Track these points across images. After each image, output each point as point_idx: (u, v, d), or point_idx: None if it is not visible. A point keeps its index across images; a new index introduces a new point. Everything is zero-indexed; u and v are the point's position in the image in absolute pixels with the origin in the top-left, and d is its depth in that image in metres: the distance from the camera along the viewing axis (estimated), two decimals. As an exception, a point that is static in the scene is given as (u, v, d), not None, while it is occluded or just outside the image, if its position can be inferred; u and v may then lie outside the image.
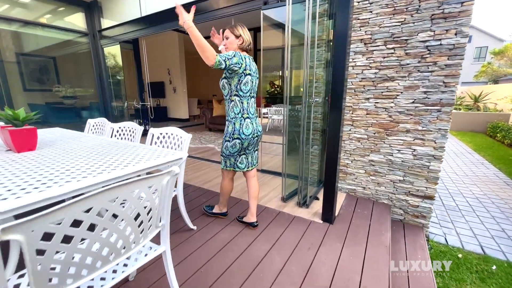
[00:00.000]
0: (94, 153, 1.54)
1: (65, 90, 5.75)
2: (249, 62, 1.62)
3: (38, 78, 5.08)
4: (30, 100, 5.11)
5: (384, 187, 2.34)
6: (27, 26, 4.46)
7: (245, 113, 1.65)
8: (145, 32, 4.13)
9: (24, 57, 4.77)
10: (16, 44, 4.56)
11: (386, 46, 2.10)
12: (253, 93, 1.71)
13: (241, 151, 1.74)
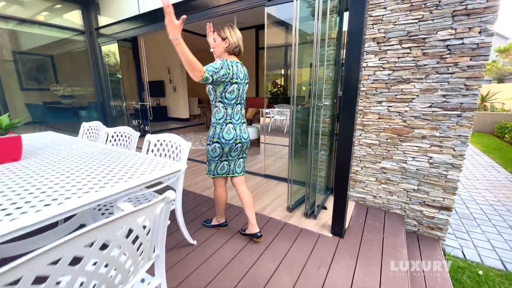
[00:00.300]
0: (84, 164, 1.39)
1: (63, 90, 5.63)
2: (236, 70, 1.55)
3: (35, 77, 4.95)
4: (27, 99, 4.97)
5: (396, 196, 2.20)
6: (22, 24, 4.31)
7: (227, 119, 1.61)
8: (144, 30, 3.97)
9: (20, 56, 4.63)
10: (12, 42, 4.41)
11: (401, 46, 1.94)
12: (240, 99, 1.65)
13: (222, 157, 1.68)
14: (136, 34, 4.13)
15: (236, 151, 1.69)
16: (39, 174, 1.22)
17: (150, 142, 1.84)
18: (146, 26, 3.90)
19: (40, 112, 5.38)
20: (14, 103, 4.68)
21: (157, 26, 3.78)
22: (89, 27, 4.77)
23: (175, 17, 1.35)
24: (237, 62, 1.59)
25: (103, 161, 1.48)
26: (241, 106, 1.68)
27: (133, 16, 3.99)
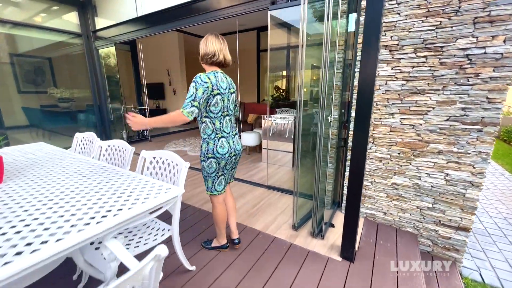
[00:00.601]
0: (72, 188, 1.26)
1: (60, 93, 5.51)
2: (216, 81, 1.46)
3: (33, 80, 4.83)
4: (24, 103, 4.83)
5: (409, 214, 2.06)
6: (18, 27, 4.18)
7: (218, 133, 1.55)
8: (141, 34, 3.84)
9: (17, 58, 4.50)
10: (8, 44, 4.28)
11: (416, 54, 1.80)
12: (228, 111, 1.59)
13: (218, 171, 1.61)
14: (134, 38, 4.00)
15: (231, 163, 1.66)
16: (19, 203, 1.09)
17: (146, 159, 1.71)
18: (144, 30, 3.77)
19: (36, 116, 5.27)
20: (11, 106, 4.57)
21: (156, 30, 3.65)
22: (86, 30, 4.64)
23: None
24: (216, 72, 1.50)
25: (93, 183, 1.34)
26: (230, 118, 1.62)
27: (131, 19, 3.85)
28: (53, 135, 5.44)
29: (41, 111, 5.35)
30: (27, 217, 0.97)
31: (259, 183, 3.11)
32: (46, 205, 1.09)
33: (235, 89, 1.67)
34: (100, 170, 1.59)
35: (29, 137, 4.99)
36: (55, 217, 0.98)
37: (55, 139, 5.35)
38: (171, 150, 4.74)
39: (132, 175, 1.49)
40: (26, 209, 1.04)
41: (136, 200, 1.15)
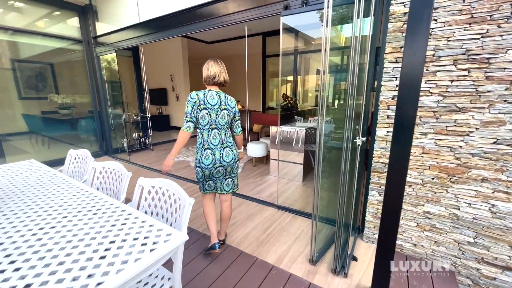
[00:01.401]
0: (51, 234, 1.03)
1: (61, 99, 5.35)
2: (203, 97, 1.68)
3: (34, 86, 4.70)
4: (26, 109, 4.66)
5: (444, 248, 1.80)
6: (18, 33, 4.02)
7: (205, 144, 1.73)
8: (144, 40, 3.65)
9: (18, 64, 4.35)
10: (9, 50, 4.12)
11: (456, 66, 1.56)
12: (215, 125, 1.73)
13: (205, 178, 1.81)
14: (136, 44, 3.81)
15: (219, 173, 1.78)
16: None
17: (144, 188, 1.48)
18: (146, 36, 3.58)
19: (36, 123, 5.11)
20: (12, 113, 4.42)
21: (158, 36, 3.45)
22: (86, 36, 4.47)
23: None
24: (209, 90, 1.72)
25: (79, 224, 1.11)
26: (219, 131, 1.74)
27: (132, 25, 3.67)
28: (53, 142, 5.28)
29: (41, 118, 5.21)
30: None
31: (268, 202, 2.86)
32: (19, 249, 0.85)
33: (232, 108, 1.78)
34: (91, 202, 1.36)
35: (28, 144, 4.83)
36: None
37: (54, 146, 5.18)
38: (176, 160, 4.51)
39: (127, 211, 1.26)
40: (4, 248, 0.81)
41: (127, 255, 0.91)
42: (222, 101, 1.73)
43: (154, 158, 4.83)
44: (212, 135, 1.71)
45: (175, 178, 3.70)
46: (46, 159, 4.36)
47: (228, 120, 1.77)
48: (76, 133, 5.60)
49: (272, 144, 3.75)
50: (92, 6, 4.25)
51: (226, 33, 6.10)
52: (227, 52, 9.11)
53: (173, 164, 1.92)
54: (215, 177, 1.80)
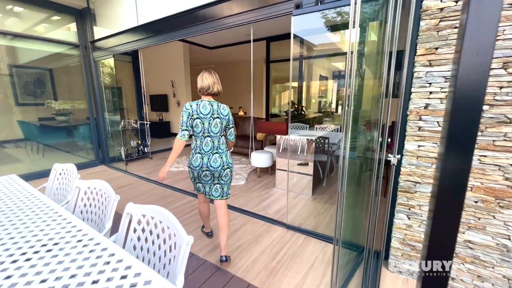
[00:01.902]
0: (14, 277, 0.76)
1: (58, 105, 5.15)
2: (196, 107, 1.78)
3: (31, 92, 4.53)
4: (23, 115, 4.48)
5: (491, 284, 1.51)
6: (15, 38, 3.84)
7: (197, 149, 1.85)
8: (142, 44, 3.45)
9: (16, 69, 4.18)
10: (7, 55, 3.94)
11: (506, 70, 1.31)
12: (208, 133, 1.82)
13: (195, 179, 1.93)
14: (134, 48, 3.61)
15: (206, 177, 1.87)
16: None
17: (132, 217, 1.22)
18: (145, 40, 3.38)
19: (31, 130, 4.90)
20: (8, 119, 4.23)
21: (156, 39, 3.25)
22: (84, 40, 4.29)
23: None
24: (202, 100, 1.82)
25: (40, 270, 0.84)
26: (212, 139, 1.83)
27: (130, 29, 3.48)
28: (48, 150, 5.07)
29: (36, 125, 5.02)
30: None
31: (276, 220, 2.59)
32: None
33: (225, 116, 1.85)
34: (66, 236, 1.10)
35: (23, 152, 4.62)
36: None
37: (49, 155, 4.96)
38: (173, 170, 4.26)
39: (109, 251, 1.00)
40: None
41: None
42: (214, 110, 1.81)
43: (152, 168, 4.58)
44: (204, 142, 1.83)
45: (173, 191, 3.44)
46: (38, 169, 4.12)
47: (221, 128, 1.85)
48: (73, 141, 5.38)
49: (278, 153, 3.49)
50: (90, 9, 4.08)
51: (229, 38, 5.93)
52: (229, 58, 8.96)
53: (168, 171, 2.05)
54: (204, 181, 1.90)
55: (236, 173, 4.12)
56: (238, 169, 4.34)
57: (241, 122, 5.85)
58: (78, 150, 5.15)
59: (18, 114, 4.42)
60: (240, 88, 10.32)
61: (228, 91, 10.68)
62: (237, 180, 3.77)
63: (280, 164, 3.47)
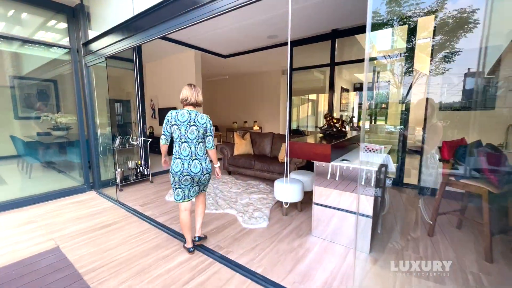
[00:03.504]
0: None
1: (55, 119, 4.51)
2: (174, 115, 1.99)
3: (28, 105, 4.03)
4: (21, 130, 4.08)
5: None
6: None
7: (177, 154, 2.04)
8: (137, 40, 2.68)
9: (18, 81, 3.61)
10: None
11: None
12: (185, 138, 2.00)
13: (176, 184, 2.08)
14: (128, 47, 2.85)
15: (187, 181, 2.05)
16: None
17: None
18: (135, 36, 2.61)
19: (22, 147, 4.25)
20: (3, 133, 3.77)
21: (149, 34, 2.47)
22: (76, 43, 3.62)
23: None
24: (182, 109, 2.02)
25: None
26: (189, 144, 2.01)
27: (124, 23, 2.73)
28: (39, 170, 4.41)
29: (26, 141, 4.39)
30: None
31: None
32: None
33: (202, 124, 2.01)
34: None
35: (10, 171, 4.05)
36: None
37: (38, 176, 4.32)
38: (172, 200, 3.28)
39: None
40: None
41: None
42: (191, 118, 1.99)
43: (150, 196, 3.70)
44: (182, 147, 2.02)
45: (171, 235, 2.50)
46: (14, 196, 3.34)
47: (198, 135, 2.01)
48: (66, 160, 4.69)
49: (316, 179, 2.49)
50: (84, 6, 3.44)
51: (246, 42, 5.18)
52: (244, 68, 8.26)
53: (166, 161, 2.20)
54: (184, 185, 2.06)
55: (254, 207, 3.14)
56: (256, 201, 3.36)
57: (258, 139, 4.94)
58: (72, 170, 4.41)
59: (14, 129, 3.97)
60: (255, 101, 9.55)
61: (242, 104, 9.95)
62: (256, 220, 2.78)
63: (320, 196, 2.45)
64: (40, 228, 2.70)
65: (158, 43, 5.13)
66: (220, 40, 4.98)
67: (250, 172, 4.40)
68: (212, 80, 10.58)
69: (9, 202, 3.22)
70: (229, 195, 3.59)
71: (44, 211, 3.17)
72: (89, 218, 2.94)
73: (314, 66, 4.98)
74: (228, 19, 3.82)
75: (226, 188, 3.93)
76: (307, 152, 2.29)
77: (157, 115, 7.55)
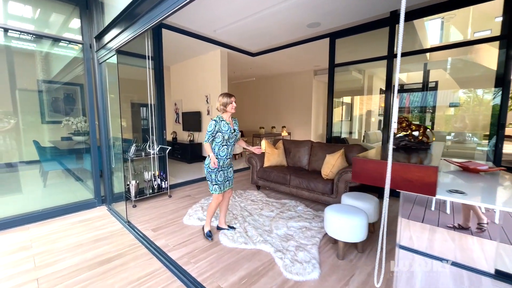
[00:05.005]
0: None
1: (76, 124, 4.21)
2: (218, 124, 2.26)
3: (56, 108, 3.91)
4: (48, 134, 4.00)
5: None
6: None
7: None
8: (136, 29, 2.07)
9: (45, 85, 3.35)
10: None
11: None
12: (226, 142, 2.29)
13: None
14: (132, 37, 2.26)
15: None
16: None
17: None
18: (137, 23, 2.00)
19: (43, 152, 4.01)
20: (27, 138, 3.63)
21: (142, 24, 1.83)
22: (89, 38, 3.18)
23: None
24: (222, 119, 2.30)
25: None
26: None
27: (125, 10, 2.15)
28: (56, 177, 4.14)
29: (46, 146, 4.17)
30: None
31: None
32: None
33: None
34: None
35: (28, 178, 3.78)
36: None
37: (54, 184, 4.03)
38: (190, 222, 2.50)
39: None
40: None
41: None
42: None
43: (166, 216, 3.08)
44: (221, 149, 2.32)
45: (171, 271, 1.80)
46: (21, 212, 2.94)
47: None
48: (83, 167, 4.34)
49: (403, 209, 1.63)
50: (97, -5, 2.98)
51: (279, 37, 4.46)
52: (272, 69, 7.53)
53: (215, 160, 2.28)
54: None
55: (296, 242, 2.34)
56: (297, 232, 2.56)
57: (293, 148, 4.14)
58: (89, 178, 4.02)
59: (40, 133, 3.89)
60: (283, 105, 8.76)
61: (269, 108, 9.22)
62: (302, 266, 1.98)
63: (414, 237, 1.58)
64: (31, 259, 2.17)
65: (183, 40, 4.63)
66: (249, 33, 4.32)
67: (285, 189, 3.62)
68: (238, 83, 10.03)
69: (11, 218, 2.79)
70: (261, 221, 2.83)
71: (46, 232, 2.70)
72: (91, 246, 2.37)
73: (363, 61, 4.08)
74: (259, 1, 3.12)
75: (256, 209, 3.18)
76: (394, 177, 1.45)
77: (180, 120, 7.12)
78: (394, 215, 3.03)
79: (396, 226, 1.60)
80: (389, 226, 2.77)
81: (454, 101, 4.05)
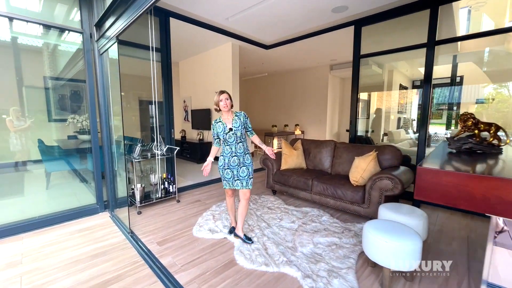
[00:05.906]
0: None
1: (81, 122, 3.99)
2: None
3: (62, 106, 3.80)
4: (54, 133, 3.88)
5: None
6: None
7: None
8: (125, 20, 1.70)
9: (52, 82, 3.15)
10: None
11: None
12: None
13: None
14: (129, 22, 1.89)
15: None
16: None
17: None
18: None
19: (46, 151, 3.80)
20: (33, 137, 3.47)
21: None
22: (89, 26, 2.86)
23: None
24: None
25: None
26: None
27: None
28: (60, 178, 3.94)
29: (48, 145, 3.96)
30: None
31: None
32: None
33: None
34: None
35: (32, 178, 3.61)
36: None
37: (57, 186, 3.88)
38: (200, 235, 2.14)
39: None
40: None
41: None
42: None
43: (174, 225, 2.74)
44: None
45: None
46: (17, 219, 2.66)
47: None
48: (87, 168, 4.09)
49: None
50: (97, -23, 2.64)
51: (297, 27, 4.02)
52: (286, 63, 7.08)
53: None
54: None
55: (327, 265, 1.94)
56: (327, 250, 2.15)
57: (313, 148, 3.72)
58: (92, 180, 3.76)
59: (47, 131, 3.79)
60: (297, 102, 8.30)
61: (282, 105, 8.77)
62: (341, 300, 1.58)
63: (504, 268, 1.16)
64: (17, 280, 1.87)
65: (192, 32, 4.27)
66: (265, 21, 3.91)
67: (305, 195, 3.21)
68: (249, 79, 9.64)
69: (5, 227, 2.53)
70: (282, 235, 2.44)
71: (41, 243, 2.41)
72: (88, 264, 2.06)
73: (396, 50, 3.58)
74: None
75: (275, 219, 2.79)
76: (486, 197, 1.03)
77: (189, 118, 6.80)
78: (439, 228, 2.57)
79: (450, 245, 1.17)
80: (436, 244, 2.32)
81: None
